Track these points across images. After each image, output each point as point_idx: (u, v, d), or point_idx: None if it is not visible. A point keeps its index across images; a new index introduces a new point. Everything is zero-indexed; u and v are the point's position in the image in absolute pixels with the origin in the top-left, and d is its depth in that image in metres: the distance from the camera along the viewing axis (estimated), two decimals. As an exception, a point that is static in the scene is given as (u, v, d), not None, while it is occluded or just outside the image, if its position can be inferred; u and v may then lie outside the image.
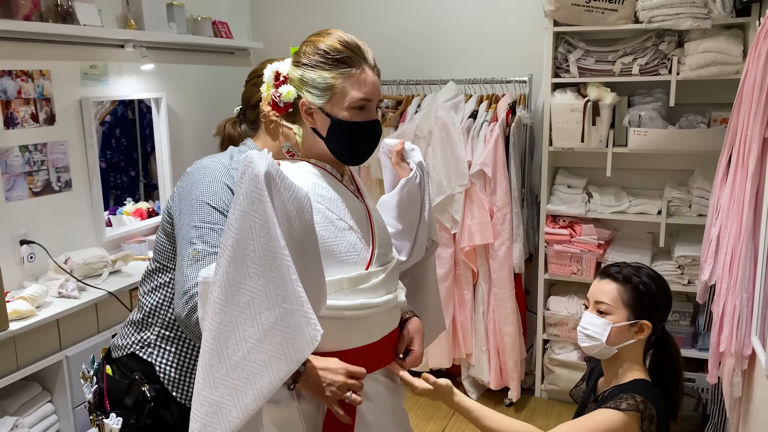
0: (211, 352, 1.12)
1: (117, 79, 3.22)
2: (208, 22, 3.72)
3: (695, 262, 3.07)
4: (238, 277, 1.12)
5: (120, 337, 1.66)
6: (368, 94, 1.34)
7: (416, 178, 1.56)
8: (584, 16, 3.03)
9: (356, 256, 1.34)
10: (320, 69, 1.33)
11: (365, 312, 1.33)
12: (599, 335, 1.60)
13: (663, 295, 1.65)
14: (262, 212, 1.11)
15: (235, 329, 1.12)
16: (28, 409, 2.50)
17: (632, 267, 1.66)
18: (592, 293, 1.67)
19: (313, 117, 1.36)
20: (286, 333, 1.11)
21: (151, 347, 1.59)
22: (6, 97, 2.64)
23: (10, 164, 2.67)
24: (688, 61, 2.93)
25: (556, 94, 3.21)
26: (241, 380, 1.11)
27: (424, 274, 1.70)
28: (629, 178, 3.43)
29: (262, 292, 1.11)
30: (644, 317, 1.61)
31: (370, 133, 1.38)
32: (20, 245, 2.72)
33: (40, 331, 2.46)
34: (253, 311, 1.11)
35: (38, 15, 2.69)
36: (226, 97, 4.01)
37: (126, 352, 1.62)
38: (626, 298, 1.61)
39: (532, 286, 3.60)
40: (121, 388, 1.60)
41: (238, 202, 1.12)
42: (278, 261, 1.11)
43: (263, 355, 1.11)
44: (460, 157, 3.27)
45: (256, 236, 1.11)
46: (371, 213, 1.44)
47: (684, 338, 3.18)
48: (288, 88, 1.37)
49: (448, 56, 3.76)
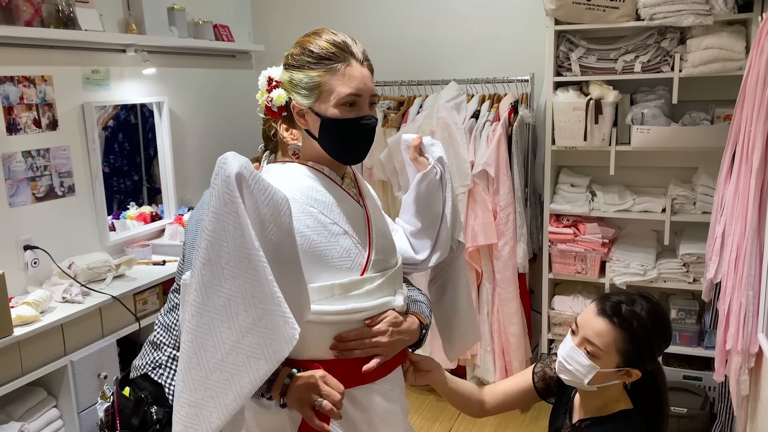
0: (189, 354, 1.12)
1: (119, 84, 3.23)
2: (210, 26, 3.72)
3: (700, 260, 3.05)
4: (214, 279, 1.10)
5: (139, 358, 1.65)
6: (356, 89, 1.31)
7: (436, 174, 1.52)
8: (585, 14, 3.02)
9: (350, 262, 1.31)
10: (306, 68, 1.32)
11: (355, 316, 1.31)
12: (582, 375, 1.46)
13: (661, 338, 1.48)
14: (234, 213, 1.09)
15: (213, 331, 1.11)
16: (33, 414, 2.50)
17: (632, 306, 1.46)
18: (583, 327, 1.48)
19: (305, 118, 1.35)
20: (264, 333, 1.10)
21: (161, 368, 1.57)
22: (8, 103, 2.64)
23: (13, 170, 2.68)
24: (690, 58, 2.92)
25: (558, 92, 3.20)
26: (221, 381, 1.11)
27: (454, 278, 1.64)
28: (633, 176, 3.42)
29: (239, 294, 1.10)
30: (635, 366, 1.46)
31: (362, 130, 1.34)
32: (24, 250, 2.72)
33: (44, 337, 2.46)
34: (229, 313, 1.11)
35: (39, 21, 2.69)
36: (228, 100, 4.02)
37: (140, 373, 1.60)
38: (620, 347, 1.43)
39: (536, 285, 3.59)
40: (130, 408, 1.58)
41: (212, 203, 1.10)
42: (253, 262, 1.09)
43: (242, 355, 1.10)
44: (462, 157, 3.26)
45: (230, 237, 1.09)
46: (371, 217, 1.39)
47: (690, 336, 3.17)
48: (279, 92, 1.36)
49: (450, 56, 3.76)
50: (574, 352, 1.47)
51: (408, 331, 1.40)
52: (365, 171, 3.59)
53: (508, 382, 1.74)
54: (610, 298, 1.49)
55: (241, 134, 3.95)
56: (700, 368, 3.18)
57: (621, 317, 1.44)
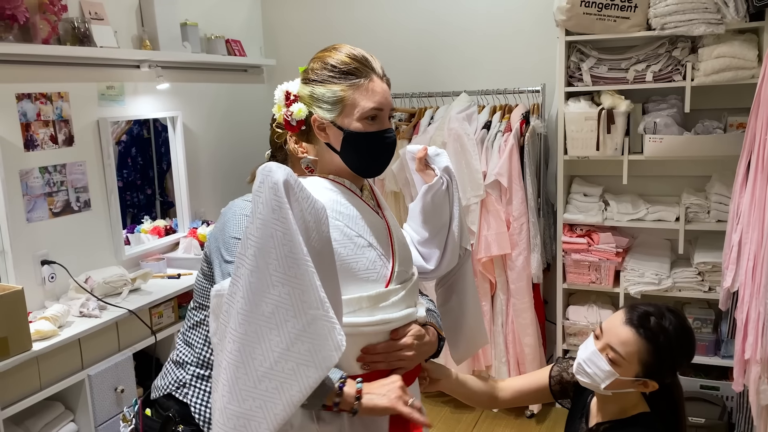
0: (237, 364, 1.10)
1: (133, 99, 3.26)
2: (222, 41, 3.76)
3: (716, 269, 3.04)
4: (261, 286, 1.09)
5: (160, 378, 1.62)
6: (379, 103, 1.34)
7: (442, 184, 1.53)
8: (596, 24, 3.03)
9: (375, 274, 1.32)
10: (329, 83, 1.34)
11: (384, 327, 1.32)
12: (600, 380, 1.46)
13: (685, 355, 1.48)
14: (283, 220, 1.09)
15: (261, 339, 1.09)
16: (51, 428, 2.51)
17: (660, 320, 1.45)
18: (608, 333, 1.48)
19: (326, 132, 1.36)
20: (313, 340, 1.09)
21: (186, 387, 1.54)
22: (26, 120, 2.68)
23: (31, 186, 2.71)
24: (702, 67, 2.92)
25: (569, 102, 3.21)
26: (270, 390, 1.09)
27: (461, 282, 1.65)
28: (646, 186, 3.41)
29: (287, 300, 1.09)
30: (654, 378, 1.46)
31: (384, 143, 1.37)
32: (41, 265, 2.75)
33: (62, 351, 2.48)
34: (278, 320, 1.09)
35: (56, 38, 2.73)
36: (240, 114, 4.05)
37: (163, 393, 1.58)
38: (643, 358, 1.43)
39: (550, 295, 3.58)
40: (156, 428, 1.55)
41: (258, 210, 1.10)
42: (302, 268, 1.09)
43: (291, 363, 1.09)
44: (474, 168, 3.27)
45: (278, 244, 1.09)
46: (391, 228, 1.41)
47: (706, 346, 3.14)
48: (299, 106, 1.37)
49: (460, 68, 3.77)
50: (595, 356, 1.48)
51: (429, 344, 1.42)
52: (377, 182, 3.60)
53: (522, 381, 1.74)
54: (639, 308, 1.49)
55: (254, 147, 3.98)
56: (717, 378, 3.16)
57: (648, 329, 1.44)
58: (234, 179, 3.98)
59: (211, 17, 3.78)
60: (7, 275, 2.62)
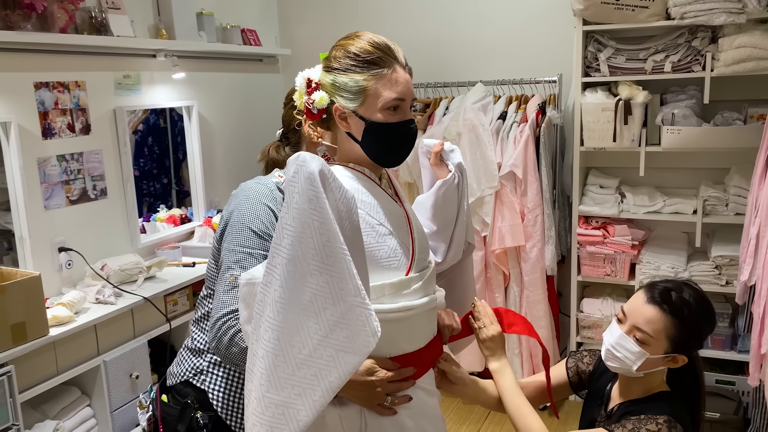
0: (275, 352, 1.11)
1: (149, 88, 3.28)
2: (237, 30, 3.76)
3: (733, 262, 3.00)
4: (299, 275, 1.10)
5: (175, 365, 1.65)
6: (401, 93, 1.33)
7: (454, 180, 1.54)
8: (614, 14, 2.99)
9: (396, 262, 1.33)
10: (352, 72, 1.33)
11: (406, 314, 1.33)
12: (631, 362, 1.47)
13: (708, 325, 1.52)
14: (320, 209, 1.10)
15: (299, 327, 1.11)
16: (67, 413, 2.55)
17: (681, 293, 1.48)
18: (631, 314, 1.50)
19: (347, 121, 1.35)
20: (351, 326, 1.11)
21: (203, 374, 1.57)
22: (44, 108, 2.70)
23: (48, 173, 2.74)
24: (722, 57, 2.87)
25: (586, 93, 3.17)
26: (308, 378, 1.10)
27: (461, 276, 1.68)
28: (663, 178, 3.37)
29: (326, 288, 1.10)
30: (683, 352, 1.48)
31: (406, 133, 1.36)
32: (58, 252, 2.78)
33: (78, 337, 2.51)
34: (317, 308, 1.11)
35: (74, 27, 2.75)
36: (255, 103, 4.06)
37: (180, 380, 1.60)
38: (671, 333, 1.45)
39: (564, 288, 3.56)
40: (174, 415, 1.58)
41: (294, 200, 1.11)
42: (339, 257, 1.11)
43: (330, 350, 1.10)
44: (489, 158, 3.25)
45: (315, 233, 1.10)
46: (410, 217, 1.42)
47: (723, 340, 3.11)
48: (320, 94, 1.36)
49: (476, 58, 3.75)
50: (623, 339, 1.49)
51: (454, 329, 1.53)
52: (392, 172, 3.59)
53: (541, 378, 1.74)
54: (658, 286, 1.51)
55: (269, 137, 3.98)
56: (733, 372, 3.13)
57: (671, 304, 1.46)
58: (249, 168, 3.99)
59: (226, 7, 3.79)
60: (25, 261, 2.65)
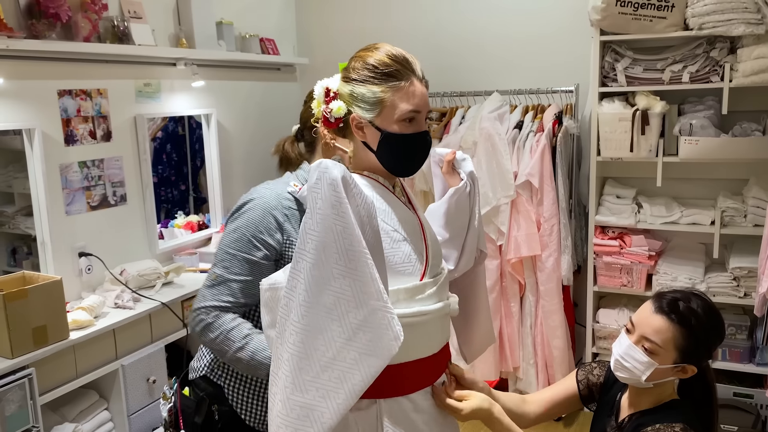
0: (300, 355, 1.13)
1: (169, 96, 3.32)
2: (256, 40, 3.81)
3: (752, 274, 2.97)
4: (323, 279, 1.13)
5: (196, 360, 1.71)
6: (417, 105, 1.35)
7: (466, 188, 1.56)
8: (632, 24, 2.99)
9: (411, 267, 1.35)
10: (369, 83, 1.35)
11: (420, 319, 1.34)
12: (640, 372, 1.46)
13: (717, 335, 1.50)
14: (342, 215, 1.13)
15: (323, 330, 1.13)
16: (86, 416, 2.58)
17: (689, 303, 1.47)
18: (640, 325, 1.49)
19: (364, 131, 1.38)
20: (374, 330, 1.13)
21: (220, 369, 1.63)
22: (67, 116, 2.75)
23: (70, 179, 2.78)
24: (741, 68, 2.86)
25: (603, 103, 3.17)
26: (332, 380, 1.13)
27: (474, 285, 1.69)
28: (680, 188, 3.36)
29: (349, 292, 1.13)
30: (692, 362, 1.47)
31: (420, 145, 1.39)
32: (79, 257, 2.82)
33: (97, 341, 2.54)
34: (340, 311, 1.13)
35: (97, 36, 2.80)
36: (273, 112, 4.10)
37: (200, 374, 1.66)
38: (679, 343, 1.44)
39: (580, 298, 3.54)
40: (192, 407, 1.64)
41: (317, 206, 1.14)
42: (362, 261, 1.13)
43: (353, 353, 1.12)
44: (505, 168, 3.25)
45: (339, 238, 1.13)
46: (423, 224, 1.44)
47: (741, 353, 3.08)
48: (338, 104, 1.38)
49: (493, 67, 3.76)
50: (631, 349, 1.48)
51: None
52: (408, 181, 3.61)
53: (552, 391, 1.74)
54: (666, 296, 1.50)
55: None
56: (752, 385, 3.08)
57: (679, 314, 1.46)
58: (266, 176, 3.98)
59: (245, 16, 3.83)
60: (46, 266, 2.69)
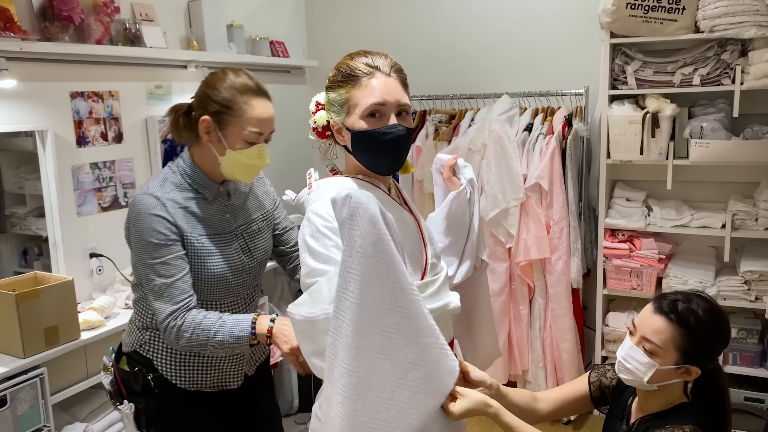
0: (354, 397, 1.11)
1: (180, 98, 3.32)
2: (266, 42, 3.82)
3: (763, 278, 2.96)
4: (370, 318, 1.11)
5: (126, 335, 1.85)
6: (379, 98, 1.34)
7: (466, 193, 1.57)
8: (642, 27, 2.99)
9: (411, 267, 1.35)
10: (336, 87, 1.40)
11: None
12: (641, 373, 1.47)
13: (720, 336, 1.49)
14: (385, 251, 1.11)
15: (375, 370, 1.11)
16: (96, 416, 2.58)
17: (689, 303, 1.47)
18: (640, 326, 1.50)
19: (342, 134, 1.41)
20: (427, 367, 1.11)
21: (147, 345, 1.77)
22: (79, 117, 2.78)
23: (82, 181, 2.80)
24: (752, 71, 2.85)
25: (613, 106, 3.16)
26: (389, 420, 1.11)
27: (476, 297, 1.67)
28: (691, 191, 3.34)
29: (397, 330, 1.11)
30: (695, 363, 1.46)
31: (389, 138, 1.36)
32: (90, 258, 2.84)
33: (108, 341, 2.54)
34: (390, 350, 1.11)
35: (108, 39, 2.82)
36: (282, 114, 4.08)
37: (131, 349, 1.80)
38: (679, 343, 1.44)
39: (590, 301, 3.53)
40: (130, 377, 1.78)
41: (356, 245, 1.11)
42: (409, 297, 1.11)
43: (407, 391, 1.11)
44: (515, 170, 3.25)
45: (383, 276, 1.10)
46: (421, 224, 1.46)
47: (751, 357, 3.06)
48: (320, 114, 1.46)
49: (502, 70, 3.76)
50: (632, 350, 1.49)
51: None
52: (416, 184, 3.61)
53: (563, 390, 1.74)
54: (667, 297, 1.51)
55: (295, 147, 4.03)
56: (762, 390, 3.07)
57: (678, 314, 1.46)
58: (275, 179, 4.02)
59: (256, 19, 3.85)
60: (58, 266, 2.71)
